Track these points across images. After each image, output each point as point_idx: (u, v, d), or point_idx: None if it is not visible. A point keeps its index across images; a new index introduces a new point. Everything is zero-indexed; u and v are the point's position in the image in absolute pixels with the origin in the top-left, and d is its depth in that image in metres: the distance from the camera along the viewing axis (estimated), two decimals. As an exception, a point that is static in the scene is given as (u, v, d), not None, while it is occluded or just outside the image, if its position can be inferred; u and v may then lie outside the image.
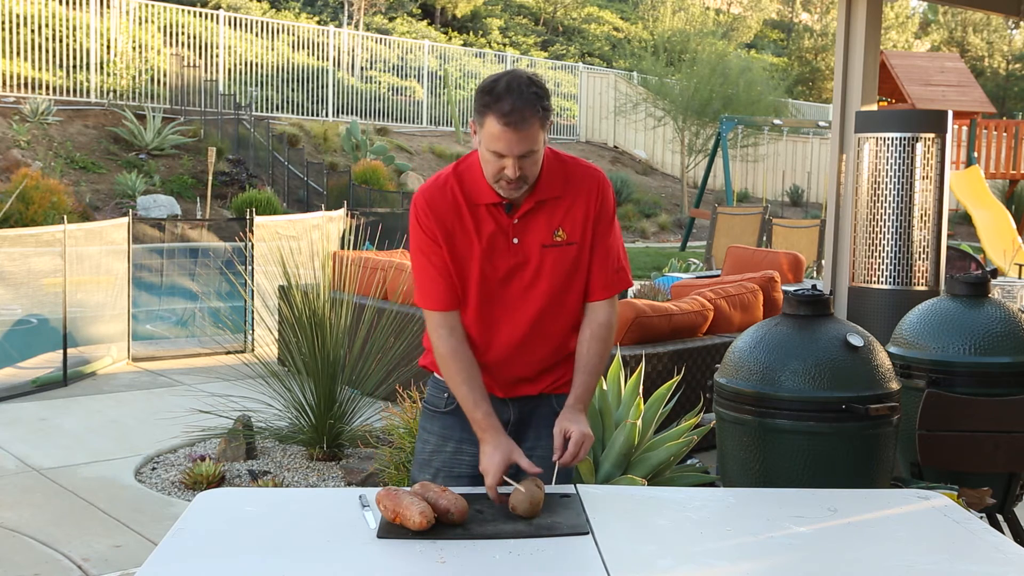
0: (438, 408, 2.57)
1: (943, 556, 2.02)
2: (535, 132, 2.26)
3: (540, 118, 2.26)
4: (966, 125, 16.62)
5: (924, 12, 40.77)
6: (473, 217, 2.40)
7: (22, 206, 12.47)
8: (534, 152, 2.29)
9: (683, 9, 34.78)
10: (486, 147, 2.29)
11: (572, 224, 2.42)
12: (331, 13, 28.17)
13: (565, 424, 2.36)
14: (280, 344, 6.64)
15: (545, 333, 2.48)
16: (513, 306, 2.45)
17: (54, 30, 17.63)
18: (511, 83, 2.25)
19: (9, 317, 7.99)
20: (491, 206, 2.39)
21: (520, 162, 2.28)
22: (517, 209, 2.40)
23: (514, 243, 2.41)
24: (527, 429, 2.55)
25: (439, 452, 2.57)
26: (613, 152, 25.44)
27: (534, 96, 2.25)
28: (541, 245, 2.41)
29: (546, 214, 2.41)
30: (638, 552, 1.99)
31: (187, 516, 2.13)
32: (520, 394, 2.53)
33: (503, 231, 2.40)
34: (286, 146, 17.53)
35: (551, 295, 2.44)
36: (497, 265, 2.41)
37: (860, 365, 2.81)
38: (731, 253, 9.61)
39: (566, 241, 2.42)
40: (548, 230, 2.41)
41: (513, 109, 2.22)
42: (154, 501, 4.82)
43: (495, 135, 2.25)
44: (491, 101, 2.24)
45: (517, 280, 2.43)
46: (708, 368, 5.59)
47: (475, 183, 2.40)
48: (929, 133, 4.49)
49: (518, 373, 2.51)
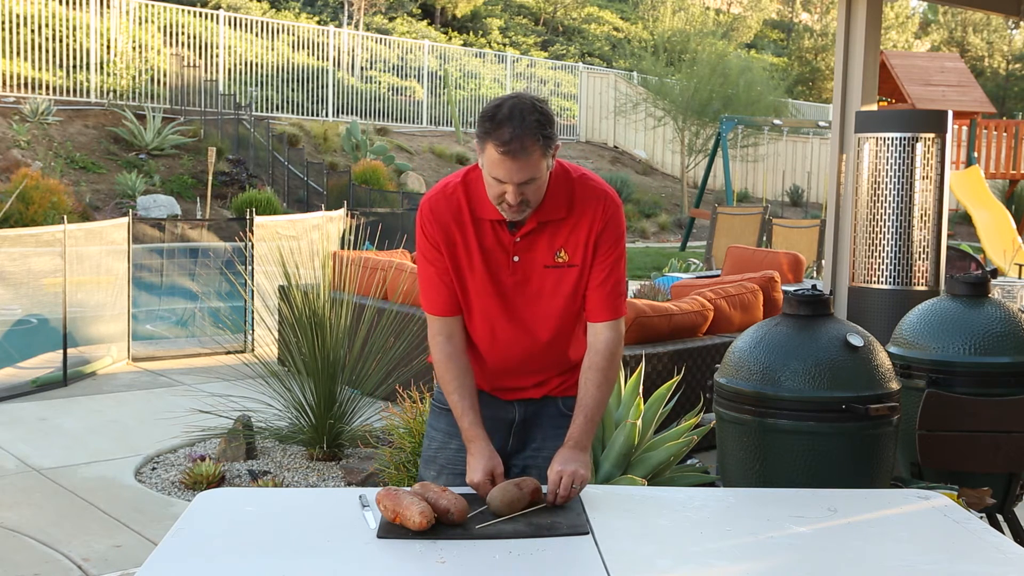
0: (443, 405, 2.56)
1: (943, 556, 2.02)
2: (535, 161, 2.21)
3: (541, 147, 2.21)
4: (966, 125, 16.62)
5: (924, 12, 40.77)
6: (476, 230, 2.38)
7: (22, 206, 12.47)
8: (535, 180, 2.25)
9: (683, 9, 34.75)
10: (487, 172, 2.26)
11: (575, 246, 2.38)
12: (331, 13, 28.17)
13: (557, 467, 2.26)
14: (280, 344, 6.64)
15: (544, 351, 2.47)
16: (512, 323, 2.43)
17: (54, 30, 17.63)
18: (512, 110, 2.20)
19: (9, 317, 7.99)
20: (494, 222, 2.37)
21: (521, 188, 2.24)
22: (520, 228, 2.36)
23: (514, 261, 2.38)
24: (533, 430, 2.54)
25: (444, 449, 2.57)
26: (613, 152, 25.44)
27: (535, 124, 2.20)
28: (543, 266, 2.38)
29: (548, 235, 2.37)
30: (638, 552, 1.99)
31: (187, 516, 2.13)
32: (524, 396, 2.53)
33: (504, 248, 2.38)
34: (286, 146, 17.53)
35: (550, 315, 2.42)
36: (496, 281, 2.40)
37: (860, 365, 2.81)
38: (731, 253, 9.61)
39: (568, 263, 2.38)
40: (550, 251, 2.38)
41: (512, 138, 2.17)
42: (154, 501, 4.82)
43: (495, 162, 2.21)
44: (491, 128, 2.20)
45: (516, 298, 2.41)
46: (708, 368, 5.59)
47: (481, 196, 2.36)
48: (929, 133, 4.49)
49: (518, 383, 2.51)
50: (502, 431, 2.53)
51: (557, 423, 2.49)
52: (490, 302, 2.41)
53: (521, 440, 2.54)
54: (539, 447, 2.51)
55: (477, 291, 2.41)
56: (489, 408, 2.49)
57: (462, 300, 2.43)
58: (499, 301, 2.41)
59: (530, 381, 2.51)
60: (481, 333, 2.46)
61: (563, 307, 2.42)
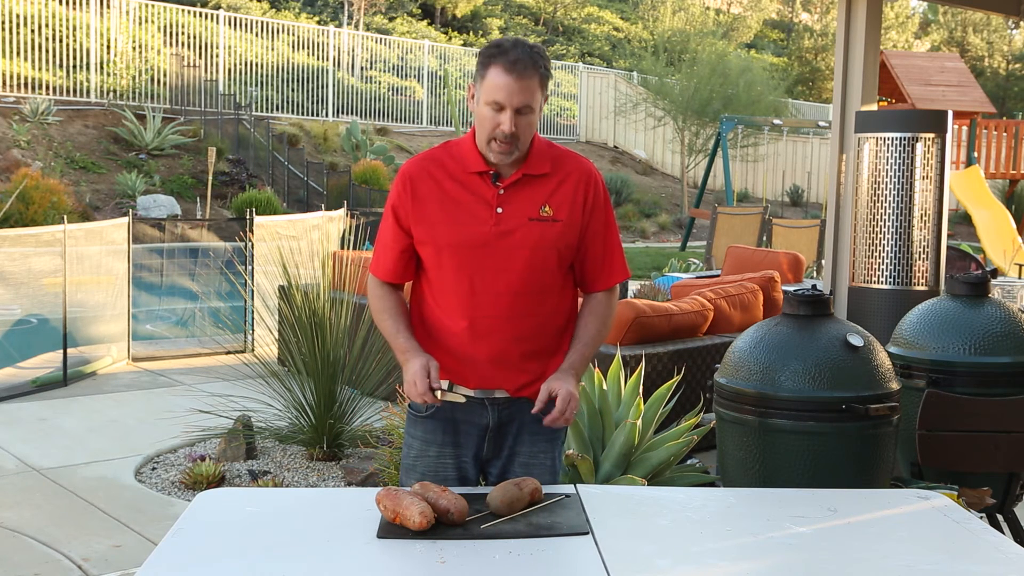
0: (419, 412, 2.56)
1: (943, 556, 2.02)
2: (535, 87, 2.34)
3: (541, 75, 2.35)
4: (966, 125, 16.62)
5: (924, 12, 40.77)
6: (457, 184, 2.44)
7: (22, 206, 12.47)
8: (531, 111, 2.35)
9: (683, 9, 34.76)
10: (485, 99, 2.35)
11: (559, 203, 2.44)
12: (331, 13, 28.17)
13: (552, 383, 2.39)
14: (280, 344, 6.64)
15: (526, 310, 2.45)
16: (494, 276, 2.43)
17: (54, 30, 17.63)
18: (516, 42, 2.37)
19: (9, 317, 7.99)
20: (478, 174, 2.43)
21: (516, 118, 2.33)
22: (503, 179, 2.43)
23: (498, 212, 2.42)
24: (506, 435, 2.52)
25: (423, 456, 2.55)
26: (613, 152, 25.44)
27: (538, 55, 2.36)
28: (527, 218, 2.42)
29: (532, 189, 2.44)
30: (638, 552, 1.99)
31: (187, 516, 2.13)
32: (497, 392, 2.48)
33: (487, 201, 2.42)
34: (286, 146, 17.53)
35: (533, 269, 2.43)
36: (478, 232, 2.41)
37: (860, 365, 2.81)
38: (731, 253, 9.61)
39: (552, 217, 2.43)
40: (534, 204, 2.43)
41: (518, 60, 2.31)
42: (154, 501, 4.82)
43: (498, 84, 2.32)
44: (497, 52, 2.34)
45: (499, 250, 2.42)
46: (708, 368, 5.59)
47: (463, 154, 2.46)
48: (929, 133, 4.49)
49: (496, 349, 2.45)
50: (476, 436, 2.52)
51: (532, 429, 2.49)
52: (471, 254, 2.42)
53: (497, 445, 2.53)
54: (513, 452, 2.51)
55: (456, 244, 2.42)
56: (464, 412, 2.49)
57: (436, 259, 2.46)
58: (480, 255, 2.42)
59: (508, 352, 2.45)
60: (460, 291, 2.45)
61: (544, 262, 2.44)
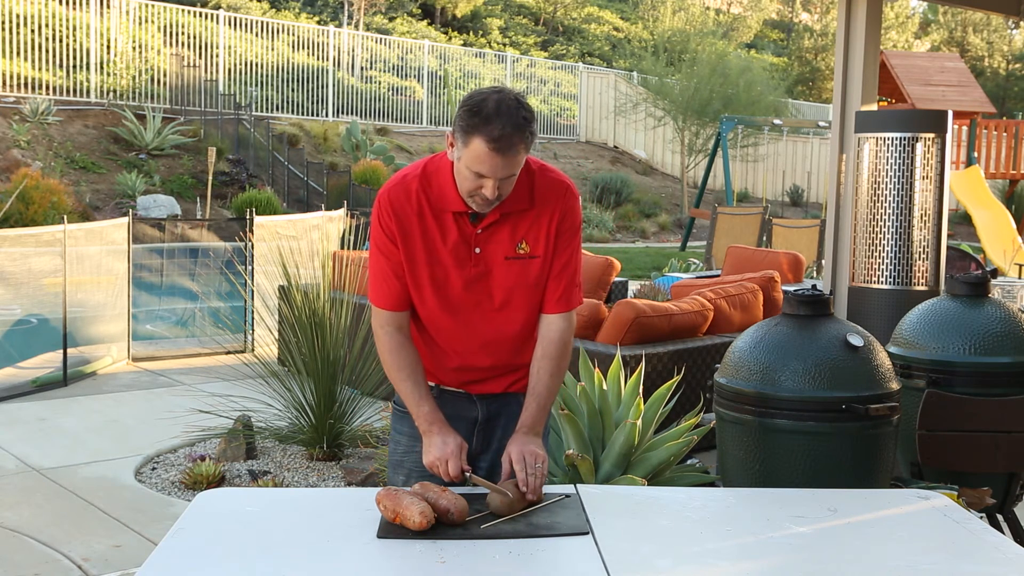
0: (405, 409, 2.55)
1: (943, 556, 2.02)
2: (520, 157, 2.24)
3: (526, 143, 2.23)
4: (966, 125, 16.62)
5: (924, 12, 40.77)
6: (436, 222, 2.37)
7: (22, 206, 12.47)
8: (514, 175, 2.27)
9: (683, 9, 34.78)
10: (467, 166, 2.24)
11: (536, 237, 2.39)
12: (331, 13, 28.17)
13: (510, 449, 2.31)
14: (280, 344, 6.64)
15: (503, 345, 2.46)
16: (471, 315, 2.42)
17: (54, 30, 17.63)
18: (500, 105, 2.19)
19: (9, 317, 7.99)
20: (456, 214, 2.36)
21: (500, 183, 2.25)
22: (482, 219, 2.37)
23: (476, 252, 2.38)
24: (495, 429, 2.54)
25: (410, 453, 2.55)
26: (613, 152, 25.43)
27: (523, 121, 2.21)
28: (504, 257, 2.38)
29: (510, 226, 2.38)
30: (638, 552, 1.99)
31: (187, 516, 2.13)
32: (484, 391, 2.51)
33: (465, 240, 2.37)
34: (286, 146, 17.53)
35: (511, 307, 2.42)
36: (457, 272, 2.39)
37: (860, 365, 2.81)
38: (731, 253, 9.61)
39: (529, 254, 2.39)
40: (511, 242, 2.39)
41: (503, 135, 2.17)
42: (154, 501, 4.82)
43: (480, 157, 2.20)
44: (480, 123, 2.18)
45: (477, 289, 2.40)
46: (708, 368, 5.59)
47: (442, 189, 2.35)
48: (929, 133, 4.49)
49: (476, 377, 2.50)
50: (465, 430, 2.51)
51: None
52: (450, 294, 2.40)
53: (486, 439, 2.54)
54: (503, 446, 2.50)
55: (437, 283, 2.40)
56: (452, 407, 2.49)
57: (417, 294, 2.42)
58: (459, 293, 2.41)
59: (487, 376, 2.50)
60: (439, 325, 2.45)
61: (522, 300, 2.43)
